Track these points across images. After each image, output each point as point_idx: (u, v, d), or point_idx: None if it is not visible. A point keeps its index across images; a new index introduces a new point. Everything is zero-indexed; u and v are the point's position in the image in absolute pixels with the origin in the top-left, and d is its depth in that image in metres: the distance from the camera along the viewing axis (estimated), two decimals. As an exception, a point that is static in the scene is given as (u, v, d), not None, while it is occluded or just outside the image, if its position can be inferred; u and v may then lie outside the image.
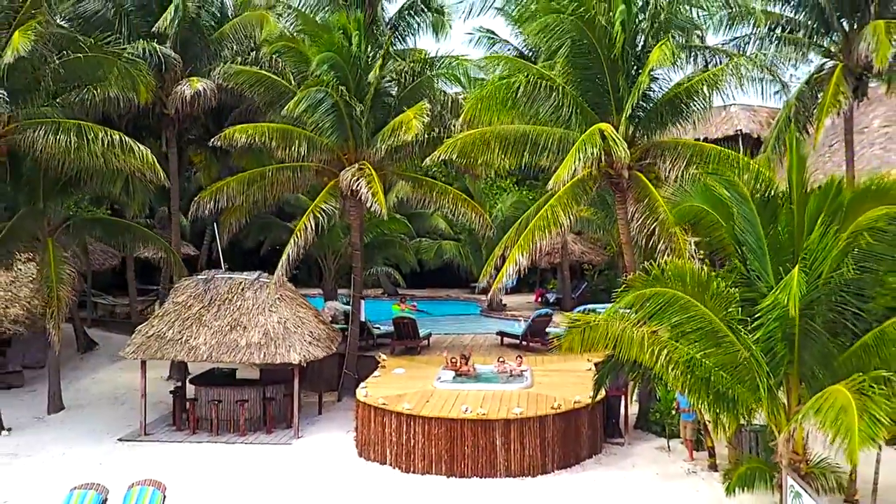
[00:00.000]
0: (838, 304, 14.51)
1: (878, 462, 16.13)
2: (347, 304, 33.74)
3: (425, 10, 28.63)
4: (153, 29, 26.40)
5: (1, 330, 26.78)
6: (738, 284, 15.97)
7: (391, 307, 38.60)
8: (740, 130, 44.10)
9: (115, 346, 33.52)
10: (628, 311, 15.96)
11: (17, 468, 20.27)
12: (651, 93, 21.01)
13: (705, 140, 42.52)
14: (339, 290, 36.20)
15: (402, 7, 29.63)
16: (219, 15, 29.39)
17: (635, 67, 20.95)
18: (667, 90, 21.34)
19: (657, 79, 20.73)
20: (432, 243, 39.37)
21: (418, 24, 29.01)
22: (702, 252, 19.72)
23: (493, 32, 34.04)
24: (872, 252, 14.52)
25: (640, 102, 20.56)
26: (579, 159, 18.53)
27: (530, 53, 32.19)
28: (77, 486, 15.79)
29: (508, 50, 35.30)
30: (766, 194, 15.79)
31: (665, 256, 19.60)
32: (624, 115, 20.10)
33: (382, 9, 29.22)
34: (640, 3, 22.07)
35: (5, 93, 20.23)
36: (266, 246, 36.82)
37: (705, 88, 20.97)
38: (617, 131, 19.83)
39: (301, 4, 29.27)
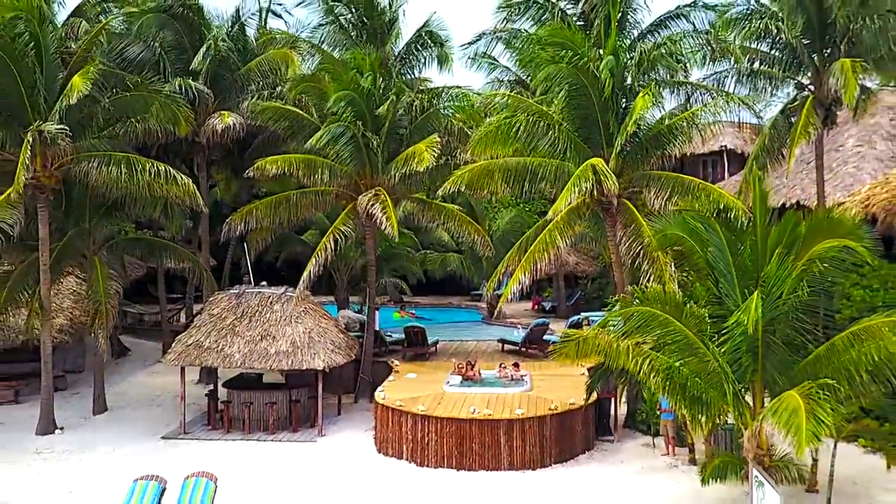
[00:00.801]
0: (795, 321, 16.61)
1: (834, 456, 18.04)
2: (358, 311, 35.72)
3: (431, 44, 30.64)
4: (189, 67, 28.55)
5: (25, 334, 27.76)
6: (710, 302, 18.12)
7: (392, 314, 40.58)
8: (725, 146, 45.92)
9: (146, 352, 35.66)
10: (616, 326, 18.11)
11: (74, 463, 22.10)
12: (637, 129, 22.95)
13: (692, 155, 44.48)
14: (349, 297, 38.15)
15: (410, 41, 31.66)
16: (244, 52, 31.42)
17: (623, 106, 22.92)
18: (651, 125, 23.31)
19: (643, 117, 22.68)
20: (437, 255, 41.03)
21: (425, 58, 31.03)
22: (680, 273, 21.68)
23: (493, 58, 35.91)
24: (826, 277, 16.74)
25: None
26: (575, 192, 20.49)
27: (526, 77, 34.00)
28: (139, 478, 17.66)
29: (506, 75, 37.32)
30: (735, 225, 17.94)
31: (649, 276, 21.71)
32: (614, 151, 22.03)
33: (392, 44, 31.30)
34: (629, 47, 24.21)
35: (67, 128, 22.28)
36: (283, 258, 38.72)
37: (685, 125, 23.00)
38: (607, 164, 21.83)
39: (320, 40, 31.36)
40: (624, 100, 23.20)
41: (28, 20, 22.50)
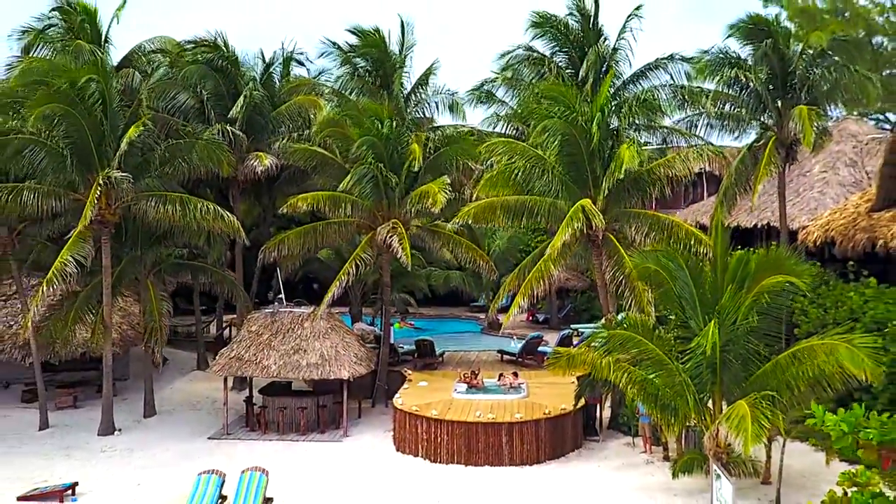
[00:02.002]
0: (747, 343, 19.52)
1: (783, 453, 20.80)
2: (370, 324, 38.49)
3: (440, 92, 33.65)
4: (227, 111, 31.47)
5: (99, 350, 30.60)
6: (678, 325, 21.10)
7: (394, 325, 43.22)
8: (704, 169, 48.44)
9: (182, 361, 38.11)
10: (600, 345, 21.07)
11: (136, 460, 24.81)
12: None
13: (673, 177, 47.13)
14: (362, 309, 40.76)
15: (417, 83, 34.64)
16: (273, 97, 34.27)
17: (608, 151, 25.63)
18: (633, 171, 25.95)
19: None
20: (441, 272, 43.67)
21: (436, 104, 34.01)
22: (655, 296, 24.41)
23: (492, 94, 38.80)
24: (773, 305, 19.70)
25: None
26: (568, 232, 23.35)
27: (524, 124, 36.73)
28: (202, 472, 20.40)
29: (504, 109, 39.98)
30: (698, 262, 20.88)
31: (631, 301, 24.60)
32: (601, 193, 24.77)
33: (401, 89, 34.26)
34: (613, 95, 26.98)
35: (130, 175, 25.14)
36: (301, 274, 41.46)
37: (662, 171, 25.80)
38: (594, 203, 24.64)
39: (340, 87, 34.30)
40: (610, 142, 25.83)
41: (98, 81, 25.35)
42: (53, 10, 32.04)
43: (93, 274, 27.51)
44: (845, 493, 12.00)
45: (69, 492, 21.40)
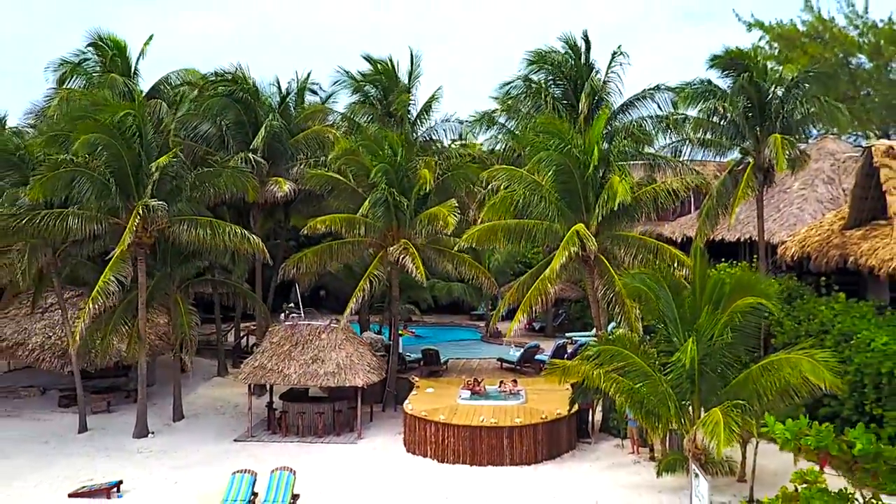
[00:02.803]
0: (722, 356, 21.53)
1: (755, 454, 22.72)
2: (378, 333, 40.46)
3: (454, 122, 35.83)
4: (247, 139, 33.51)
5: (127, 358, 32.08)
6: (662, 340, 23.12)
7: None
8: (692, 185, 50.18)
9: (203, 368, 39.78)
10: (592, 357, 23.08)
11: (170, 460, 26.64)
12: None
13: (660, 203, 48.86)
14: (370, 317, 42.68)
15: (423, 108, 36.73)
16: (290, 124, 36.30)
17: (601, 178, 27.58)
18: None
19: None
20: (444, 284, 45.58)
21: (444, 131, 36.13)
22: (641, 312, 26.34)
23: (491, 119, 40.84)
24: (745, 322, 21.73)
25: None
26: (565, 256, 25.35)
27: (520, 140, 38.63)
28: (236, 471, 22.36)
29: (503, 132, 41.89)
30: (679, 283, 22.90)
31: (621, 317, 26.59)
32: (594, 220, 26.66)
33: (408, 116, 36.34)
34: (606, 129, 28.92)
35: (164, 202, 27.12)
36: (311, 286, 43.39)
37: (649, 198, 27.82)
38: (587, 227, 26.61)
39: (352, 112, 36.34)
40: (602, 170, 27.79)
41: (135, 115, 27.34)
42: (88, 45, 34.02)
43: (128, 290, 29.40)
44: (796, 490, 13.94)
45: (115, 489, 23.33)
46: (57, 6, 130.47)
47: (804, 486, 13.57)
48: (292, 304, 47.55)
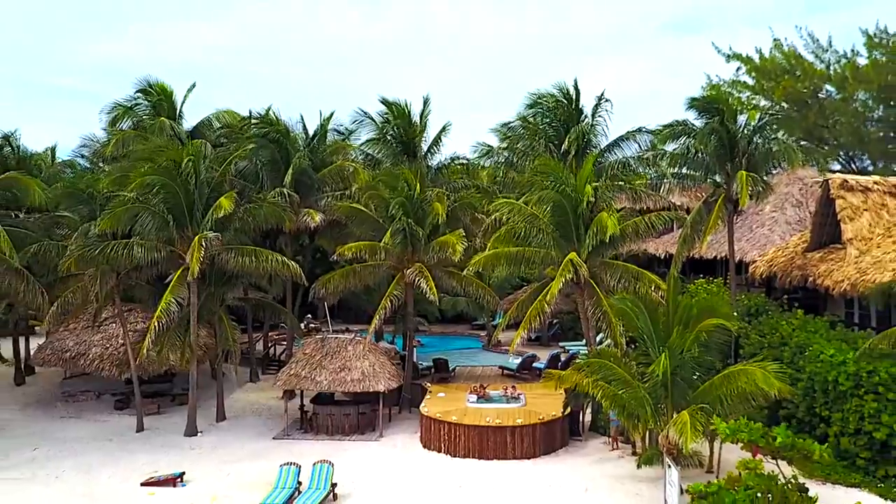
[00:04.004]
0: (691, 368, 25.07)
1: (721, 449, 26.02)
2: (390, 342, 43.89)
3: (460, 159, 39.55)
4: (279, 175, 37.12)
5: (179, 367, 35.11)
6: (641, 354, 26.70)
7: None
8: (672, 202, 53.34)
9: (238, 375, 43.14)
10: (583, 369, 26.62)
11: (220, 455, 29.90)
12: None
13: (647, 210, 51.74)
14: (383, 327, 45.90)
15: (432, 142, 40.54)
16: (316, 160, 39.94)
17: (590, 215, 30.97)
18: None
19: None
20: (450, 299, 48.99)
21: (450, 160, 39.82)
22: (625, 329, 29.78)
23: (490, 146, 44.50)
24: (710, 338, 25.30)
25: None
26: (561, 281, 28.84)
27: (515, 160, 42.12)
28: (283, 464, 25.79)
29: (501, 160, 45.30)
30: (656, 305, 26.48)
31: (608, 333, 30.10)
32: (585, 249, 30.02)
33: (421, 150, 39.99)
34: (598, 166, 32.45)
35: (219, 234, 30.62)
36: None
37: (631, 231, 31.34)
38: (579, 255, 30.08)
39: (370, 148, 39.97)
40: (590, 215, 30.52)
41: (191, 159, 30.88)
42: (137, 91, 37.69)
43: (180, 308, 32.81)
44: (740, 475, 17.43)
45: (179, 479, 26.77)
46: (58, 15, 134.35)
47: (746, 471, 17.00)
48: (309, 316, 51.25)
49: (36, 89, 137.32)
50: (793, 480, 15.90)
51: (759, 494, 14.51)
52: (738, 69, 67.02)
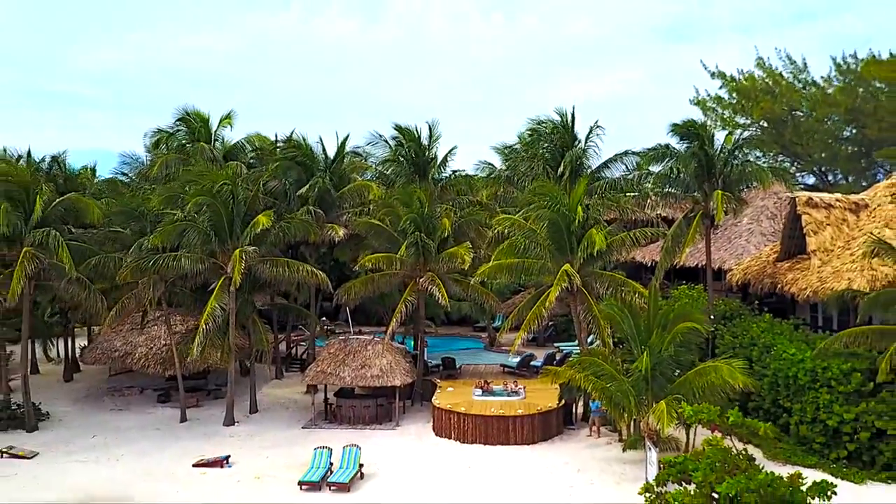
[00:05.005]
0: (669, 364, 28.39)
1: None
2: (401, 342, 46.99)
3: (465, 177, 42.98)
4: (305, 194, 40.53)
5: (214, 364, 38.43)
6: (626, 352, 30.06)
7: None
8: (659, 214, 56.15)
9: (263, 372, 45.74)
10: (575, 365, 29.93)
11: (257, 442, 33.03)
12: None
13: (635, 221, 54.45)
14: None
15: (451, 176, 44.08)
16: (335, 179, 43.36)
17: (581, 232, 33.98)
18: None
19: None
20: (455, 303, 51.97)
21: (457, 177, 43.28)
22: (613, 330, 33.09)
23: (491, 164, 47.83)
24: (685, 339, 28.65)
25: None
26: (557, 290, 32.01)
27: (516, 179, 45.17)
28: (316, 447, 28.98)
29: (501, 177, 48.48)
30: (639, 310, 29.83)
31: (597, 334, 33.40)
32: (577, 261, 33.14)
33: (431, 171, 43.37)
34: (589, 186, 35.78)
35: (256, 248, 33.88)
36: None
37: (617, 245, 34.60)
38: (572, 266, 33.34)
39: (384, 167, 43.38)
40: (582, 231, 33.35)
41: (230, 183, 34.21)
42: (178, 120, 41.21)
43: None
44: (704, 449, 20.64)
45: (225, 461, 30.02)
46: (57, 22, 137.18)
47: (709, 446, 20.15)
48: (324, 319, 54.47)
49: (36, 95, 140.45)
50: (743, 452, 19.10)
51: (716, 463, 17.69)
52: (721, 86, 70.44)
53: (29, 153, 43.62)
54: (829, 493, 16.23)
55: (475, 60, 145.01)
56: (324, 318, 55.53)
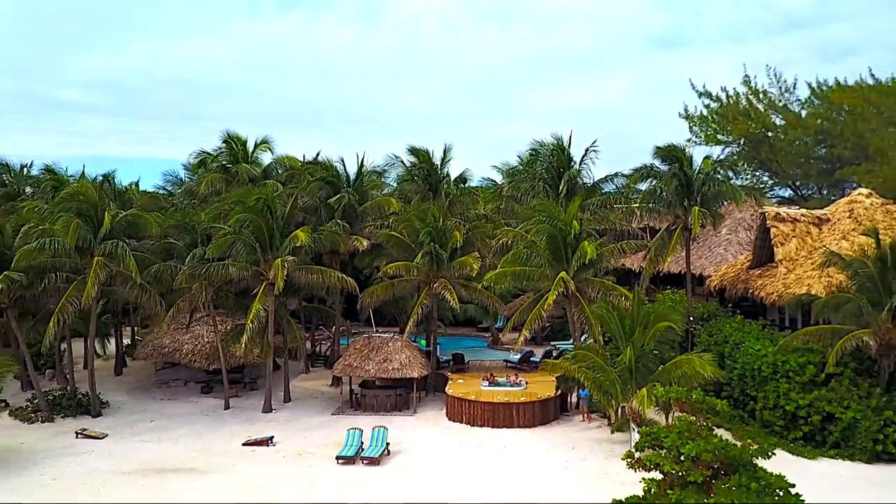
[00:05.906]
0: (650, 358, 32.44)
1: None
2: (414, 341, 50.95)
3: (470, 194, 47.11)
4: (332, 210, 44.70)
5: (250, 359, 42.26)
6: (613, 347, 34.16)
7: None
8: (647, 224, 59.64)
9: (292, 367, 49.19)
10: (570, 358, 34.03)
11: (293, 426, 36.77)
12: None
13: (622, 233, 57.97)
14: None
15: (451, 180, 48.09)
16: (358, 195, 47.52)
17: (575, 244, 38.08)
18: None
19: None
20: (462, 306, 55.89)
21: (468, 201, 47.43)
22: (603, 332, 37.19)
23: (493, 181, 52.05)
24: (664, 336, 32.78)
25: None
26: (555, 295, 36.03)
27: (519, 196, 49.24)
28: (349, 428, 32.86)
29: (505, 195, 52.47)
30: (623, 312, 33.96)
31: (589, 333, 37.49)
32: (572, 269, 37.23)
33: (442, 189, 47.50)
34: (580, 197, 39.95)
35: (294, 258, 37.93)
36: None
37: (607, 254, 38.69)
38: (568, 273, 37.41)
39: (400, 184, 47.54)
40: (576, 242, 37.37)
41: (268, 198, 38.32)
42: (223, 142, 45.45)
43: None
44: (675, 423, 24.65)
45: (270, 441, 33.98)
46: (59, 31, 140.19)
47: (678, 421, 24.12)
48: (348, 320, 58.21)
49: (37, 102, 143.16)
50: (703, 423, 23.13)
51: (683, 432, 21.63)
52: (708, 105, 74.32)
53: (83, 171, 47.71)
54: (769, 453, 20.11)
55: (469, 68, 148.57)
56: (347, 319, 59.54)
